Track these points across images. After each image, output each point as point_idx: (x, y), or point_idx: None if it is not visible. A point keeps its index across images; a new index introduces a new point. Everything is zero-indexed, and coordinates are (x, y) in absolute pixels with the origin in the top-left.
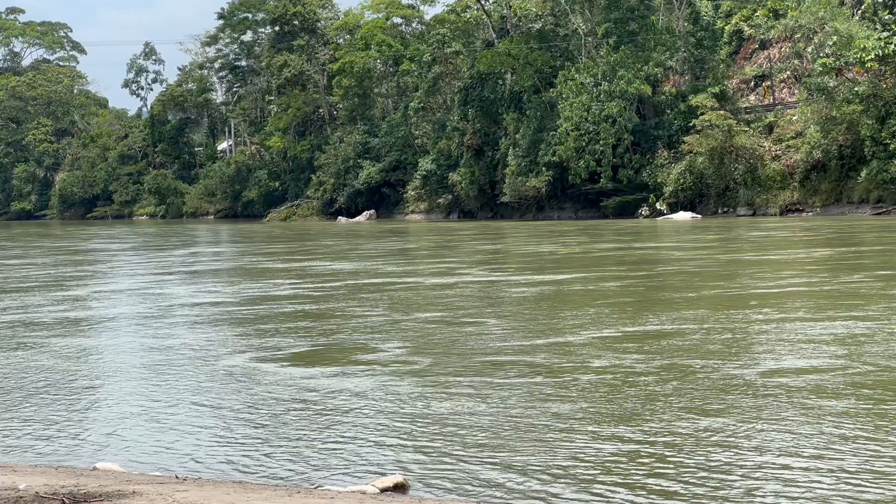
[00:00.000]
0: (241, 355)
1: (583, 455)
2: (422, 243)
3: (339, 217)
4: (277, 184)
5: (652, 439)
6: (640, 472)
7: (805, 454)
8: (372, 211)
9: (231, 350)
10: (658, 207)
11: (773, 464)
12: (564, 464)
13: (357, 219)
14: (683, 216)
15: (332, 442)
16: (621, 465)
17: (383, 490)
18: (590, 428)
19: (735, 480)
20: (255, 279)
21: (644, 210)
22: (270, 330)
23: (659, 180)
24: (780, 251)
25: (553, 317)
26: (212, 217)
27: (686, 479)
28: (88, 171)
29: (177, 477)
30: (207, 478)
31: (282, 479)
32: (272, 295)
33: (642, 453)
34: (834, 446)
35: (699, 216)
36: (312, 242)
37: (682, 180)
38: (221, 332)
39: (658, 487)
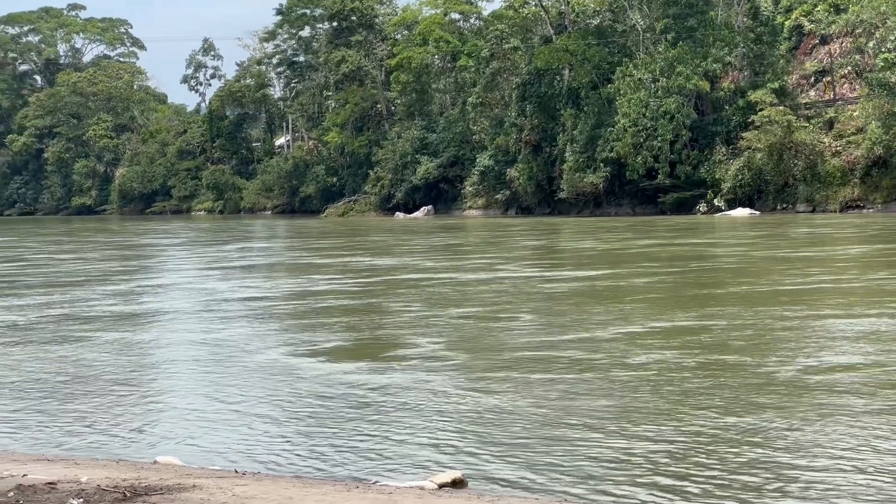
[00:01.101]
0: (285, 351)
1: (630, 450)
2: (469, 239)
3: (397, 213)
4: (335, 179)
5: (696, 436)
6: (685, 469)
7: (842, 452)
8: (430, 206)
9: (275, 346)
10: (716, 204)
11: (812, 462)
12: (614, 460)
13: (415, 214)
14: (741, 212)
15: (383, 437)
16: (667, 462)
17: (441, 485)
18: (633, 424)
19: (774, 478)
20: (297, 274)
21: (702, 206)
22: (311, 325)
23: (717, 176)
24: (818, 248)
25: (583, 312)
26: (269, 212)
27: (731, 476)
28: (147, 167)
29: (236, 471)
30: (260, 471)
31: (340, 470)
32: (312, 290)
33: (686, 450)
34: (870, 443)
35: (757, 212)
36: (361, 238)
37: (740, 176)
38: (264, 327)
39: (703, 484)
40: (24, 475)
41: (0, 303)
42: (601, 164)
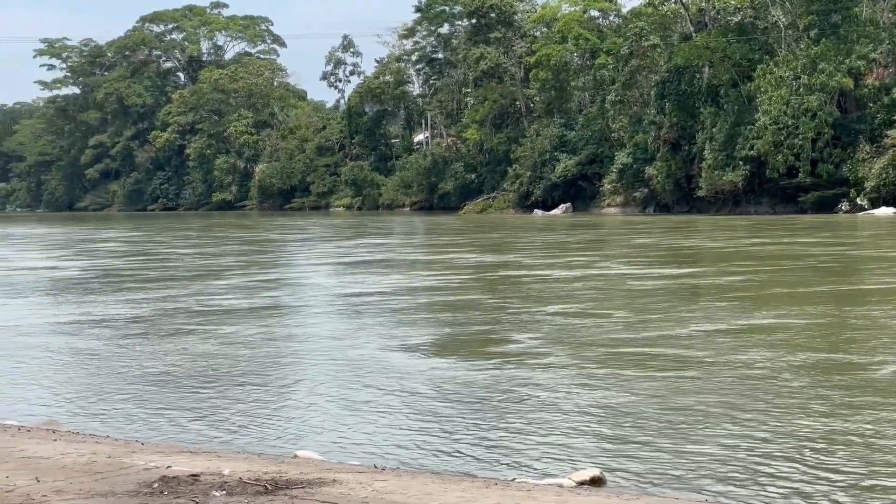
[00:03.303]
0: (389, 346)
1: (747, 451)
2: (584, 237)
3: (536, 210)
4: (473, 176)
5: (801, 439)
6: (803, 470)
7: None
8: (568, 204)
9: (377, 340)
10: (859, 202)
11: None
12: (737, 459)
13: (553, 212)
14: (885, 211)
15: (510, 434)
16: (783, 463)
17: (580, 483)
18: (746, 423)
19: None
20: (403, 271)
21: (844, 205)
22: (413, 321)
23: (860, 175)
24: None
25: (669, 310)
26: (407, 209)
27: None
28: (286, 163)
29: (375, 466)
30: (398, 466)
31: (475, 465)
32: (414, 287)
33: (796, 452)
34: None
35: None
36: (482, 235)
37: (884, 175)
38: (369, 322)
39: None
40: (168, 466)
41: (120, 296)
42: (740, 163)
